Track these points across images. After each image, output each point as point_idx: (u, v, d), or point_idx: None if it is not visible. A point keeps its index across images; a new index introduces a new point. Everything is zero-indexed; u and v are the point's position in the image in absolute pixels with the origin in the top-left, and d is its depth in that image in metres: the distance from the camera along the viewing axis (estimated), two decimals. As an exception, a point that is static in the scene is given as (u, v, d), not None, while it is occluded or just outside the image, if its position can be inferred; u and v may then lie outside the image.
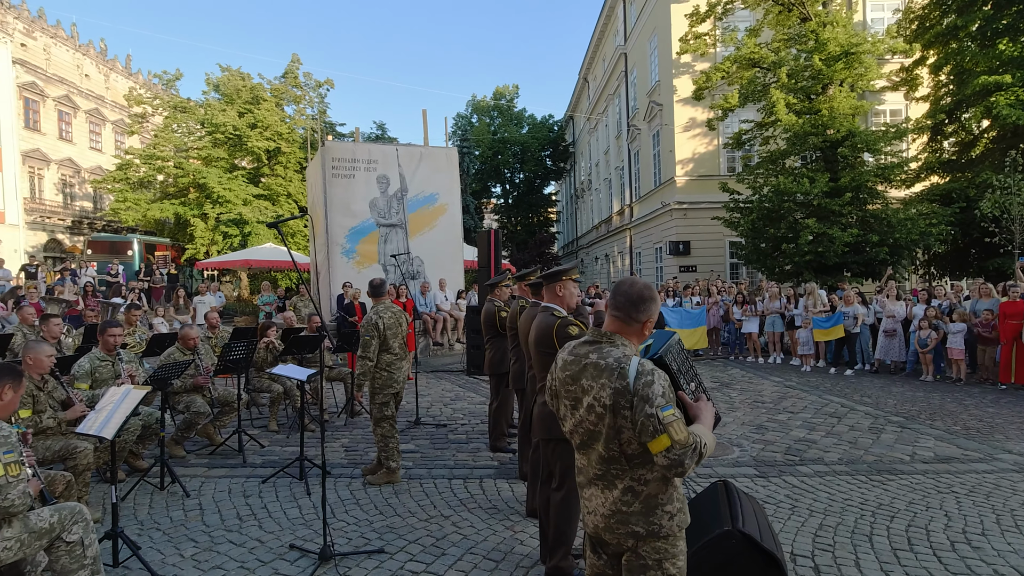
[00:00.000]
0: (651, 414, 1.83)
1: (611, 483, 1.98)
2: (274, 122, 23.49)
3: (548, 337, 3.12)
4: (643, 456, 1.91)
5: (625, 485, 1.96)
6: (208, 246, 22.43)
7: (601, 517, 2.00)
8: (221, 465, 5.49)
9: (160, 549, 3.78)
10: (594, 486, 2.03)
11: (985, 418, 7.14)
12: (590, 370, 1.98)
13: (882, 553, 3.65)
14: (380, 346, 4.84)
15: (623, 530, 1.96)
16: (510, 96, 39.42)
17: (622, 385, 1.88)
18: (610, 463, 1.96)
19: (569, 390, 2.05)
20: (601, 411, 1.92)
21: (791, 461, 5.50)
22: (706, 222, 18.79)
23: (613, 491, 1.98)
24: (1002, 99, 12.79)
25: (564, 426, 2.12)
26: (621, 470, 1.96)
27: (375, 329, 4.79)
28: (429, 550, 3.75)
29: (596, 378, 1.95)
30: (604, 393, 1.91)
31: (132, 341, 6.65)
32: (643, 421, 1.84)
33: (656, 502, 1.95)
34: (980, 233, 13.43)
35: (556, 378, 2.13)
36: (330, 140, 16.41)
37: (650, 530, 1.94)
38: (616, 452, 1.94)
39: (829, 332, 10.79)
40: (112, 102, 33.50)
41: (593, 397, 1.94)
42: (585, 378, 1.99)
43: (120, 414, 3.24)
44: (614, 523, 1.97)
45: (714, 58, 18.64)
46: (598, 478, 2.01)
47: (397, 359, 4.98)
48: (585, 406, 1.97)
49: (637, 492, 1.95)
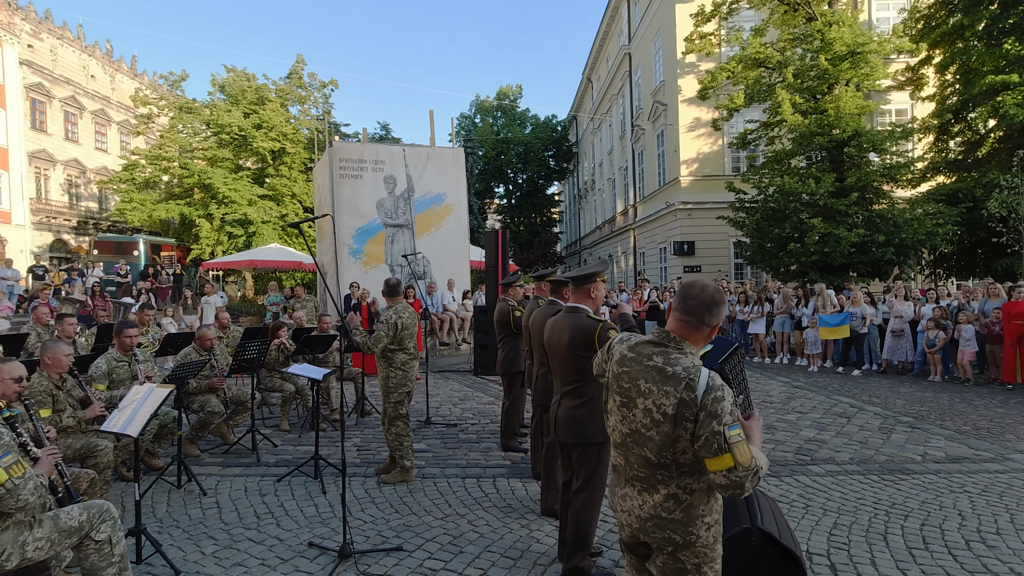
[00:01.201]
0: (718, 432, 1.78)
1: (653, 487, 1.95)
2: (279, 123, 23.54)
3: (588, 340, 3.09)
4: (693, 466, 1.88)
5: (669, 492, 1.92)
6: (213, 246, 22.50)
7: (636, 518, 1.98)
8: (236, 464, 5.53)
9: (181, 546, 3.81)
10: (631, 486, 2.01)
11: (995, 418, 7.15)
12: (653, 373, 1.92)
13: (897, 552, 3.67)
14: (396, 346, 4.87)
15: (659, 535, 1.94)
16: (513, 96, 39.46)
17: (689, 397, 1.83)
18: (657, 468, 1.93)
19: (623, 387, 2.01)
20: (659, 418, 1.88)
21: (802, 461, 5.52)
22: (711, 222, 18.80)
23: (654, 495, 1.94)
24: (1009, 98, 12.79)
25: (608, 419, 2.10)
26: (667, 476, 1.92)
27: (393, 328, 4.81)
28: (447, 548, 3.78)
29: (660, 384, 1.89)
30: (667, 401, 1.86)
31: (145, 341, 6.69)
32: (708, 437, 1.79)
33: (697, 513, 1.92)
34: (987, 233, 13.43)
35: (610, 370, 2.09)
36: (337, 140, 16.46)
37: (687, 540, 1.91)
38: (668, 460, 1.90)
39: (836, 331, 10.80)
40: (118, 103, 33.64)
41: (652, 402, 1.90)
42: (645, 380, 1.93)
43: (144, 412, 3.28)
44: (651, 527, 1.95)
45: (719, 58, 18.65)
46: (638, 479, 1.98)
47: (412, 359, 5.03)
48: (641, 409, 1.93)
49: (680, 500, 1.91)
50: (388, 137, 33.22)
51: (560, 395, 3.29)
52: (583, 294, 3.23)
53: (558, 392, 3.33)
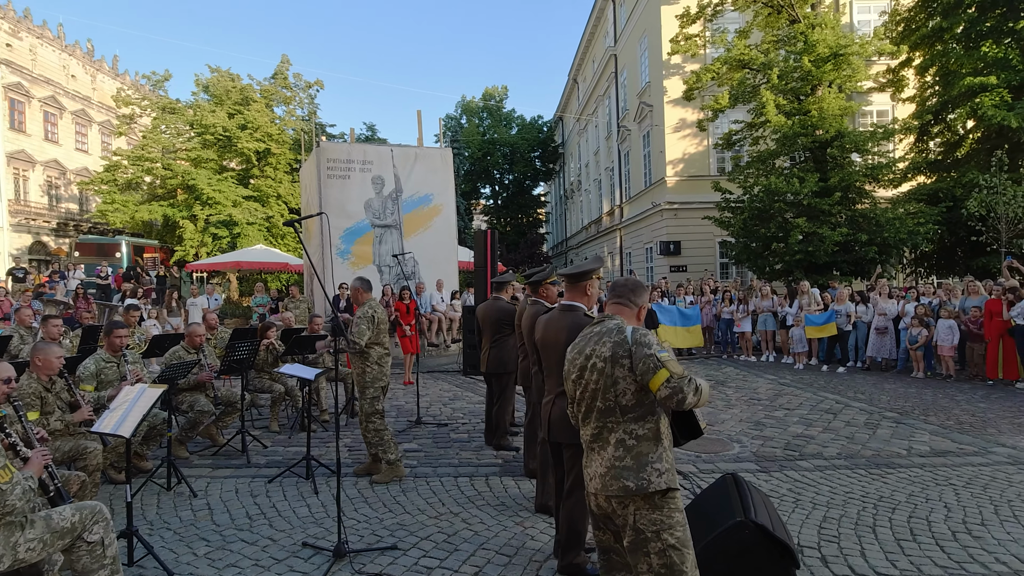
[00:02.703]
0: (650, 354, 2.16)
1: (605, 440, 2.24)
2: (264, 123, 23.35)
3: None
4: (635, 409, 2.20)
5: (617, 438, 2.21)
6: (197, 248, 22.24)
7: (599, 478, 2.23)
8: (226, 465, 5.48)
9: (173, 548, 3.77)
10: (592, 451, 2.30)
11: (977, 413, 7.30)
12: (592, 339, 2.33)
13: (886, 543, 3.74)
14: (373, 339, 4.89)
15: (616, 485, 2.17)
16: (499, 97, 39.47)
17: (620, 339, 2.23)
18: (606, 416, 2.24)
19: (576, 364, 2.36)
20: (602, 365, 2.23)
21: (791, 456, 5.59)
22: (696, 222, 18.96)
23: (607, 448, 2.22)
24: (987, 100, 13.05)
25: (573, 406, 2.42)
26: (615, 423, 2.22)
27: (371, 321, 4.86)
28: (441, 546, 3.77)
29: (597, 342, 2.29)
30: (604, 349, 2.24)
31: (132, 342, 6.59)
32: (643, 362, 2.15)
33: (646, 459, 2.18)
34: (967, 232, 13.68)
35: (566, 363, 2.44)
36: (325, 141, 16.36)
37: (639, 484, 2.14)
38: (612, 403, 2.22)
39: (822, 329, 10.94)
40: (99, 103, 33.14)
41: (596, 357, 2.26)
42: (588, 346, 2.32)
43: (137, 413, 3.24)
44: (609, 479, 2.19)
45: (704, 59, 18.82)
46: (594, 439, 2.28)
47: (386, 353, 5.05)
48: (589, 368, 2.28)
49: (628, 446, 2.19)
50: (374, 138, 33.08)
51: (554, 395, 3.22)
52: (578, 291, 3.18)
53: (551, 392, 3.27)
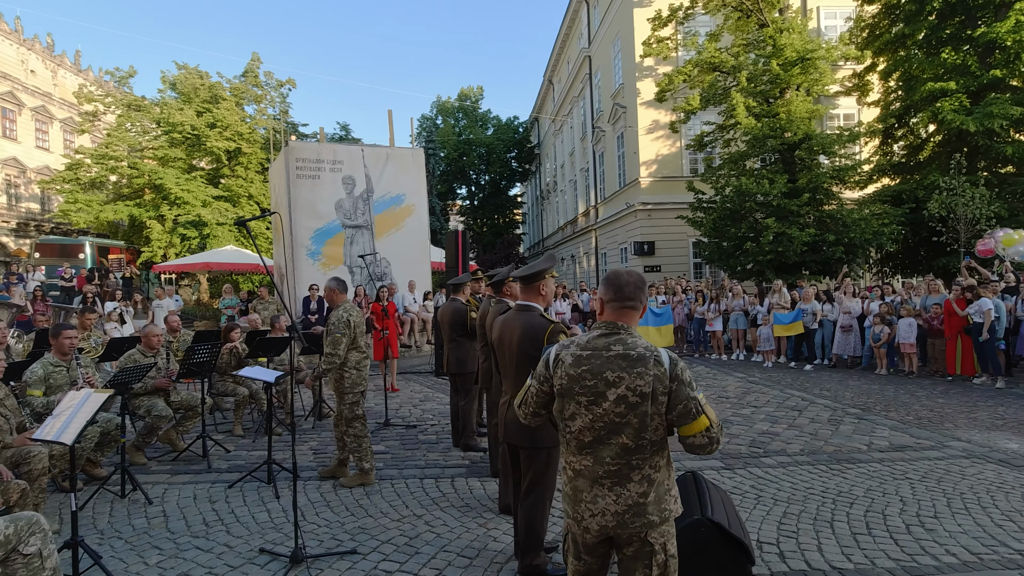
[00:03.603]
0: (693, 397, 1.92)
1: (626, 476, 1.97)
2: (234, 122, 22.90)
3: (538, 340, 3.01)
4: (660, 443, 1.99)
5: (642, 475, 1.97)
6: (165, 249, 21.72)
7: (612, 516, 1.97)
8: (185, 471, 5.34)
9: (123, 558, 3.65)
10: (600, 486, 2.00)
11: (935, 408, 7.48)
12: (617, 362, 1.97)
13: (842, 538, 3.79)
14: (350, 344, 4.80)
15: (638, 522, 1.96)
16: (475, 98, 39.39)
17: (660, 372, 1.93)
18: (632, 454, 1.97)
19: (587, 385, 1.99)
20: (636, 400, 1.93)
21: (755, 453, 5.65)
22: (670, 222, 19.15)
23: (628, 484, 1.97)
24: (946, 105, 13.42)
25: (572, 425, 2.04)
26: (641, 460, 1.97)
27: (346, 326, 4.76)
28: (402, 549, 3.72)
29: (628, 368, 1.95)
30: (642, 382, 1.92)
31: (87, 346, 6.40)
32: (685, 405, 1.92)
33: (664, 488, 2.00)
34: (928, 233, 14.04)
35: (565, 376, 2.04)
36: (294, 140, 16.12)
37: (662, 516, 1.98)
38: (645, 441, 1.95)
39: (789, 328, 11.12)
40: (60, 99, 32.20)
41: (626, 387, 1.93)
42: (611, 370, 1.96)
43: (80, 419, 3.13)
44: (629, 518, 1.96)
45: (676, 62, 19.03)
46: (609, 476, 1.98)
47: (365, 357, 4.97)
48: (613, 399, 1.95)
49: (652, 480, 1.98)
50: (348, 138, 32.74)
51: (510, 396, 3.16)
52: (533, 292, 3.15)
53: (507, 392, 3.22)
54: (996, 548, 3.62)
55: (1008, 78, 13.74)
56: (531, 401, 2.20)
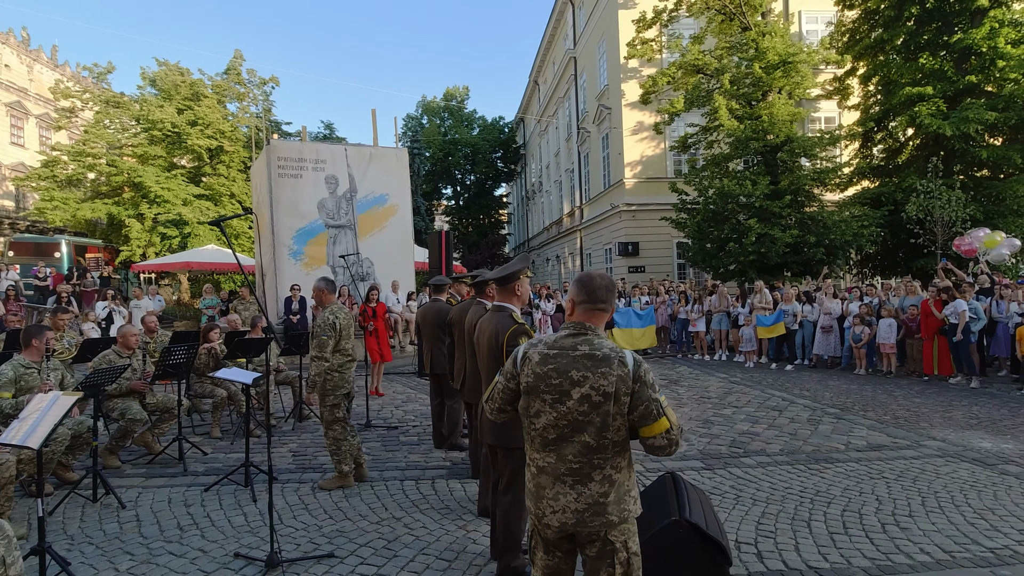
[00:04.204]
0: (654, 399, 1.97)
1: (587, 476, 2.00)
2: (216, 120, 22.58)
3: (503, 340, 3.08)
4: (622, 444, 2.02)
5: (604, 475, 2.00)
6: (145, 248, 21.36)
7: (573, 513, 2.00)
8: (160, 474, 5.24)
9: (93, 564, 3.57)
10: (562, 483, 2.03)
11: (912, 408, 7.60)
12: (583, 361, 2.00)
13: (820, 537, 3.83)
14: (334, 346, 4.74)
15: (597, 521, 1.99)
16: (461, 97, 39.32)
17: (623, 373, 1.96)
18: (594, 453, 1.99)
19: (552, 384, 2.02)
20: (599, 399, 1.96)
21: (735, 453, 5.69)
22: (654, 223, 19.25)
23: (590, 483, 2.00)
24: (924, 109, 13.65)
25: (536, 422, 2.07)
26: (603, 460, 2.00)
27: (332, 328, 4.70)
28: (381, 553, 3.68)
29: (593, 368, 1.98)
30: (605, 382, 1.95)
31: (60, 347, 6.25)
32: (646, 406, 1.95)
33: (624, 489, 2.03)
34: (907, 235, 14.26)
35: (531, 373, 2.07)
36: (276, 139, 15.94)
37: (621, 516, 2.02)
38: (607, 441, 1.98)
39: (772, 329, 11.23)
40: (36, 95, 31.53)
41: (590, 387, 1.97)
42: (576, 369, 2.00)
43: (48, 422, 3.05)
44: (589, 516, 1.99)
45: (660, 63, 19.13)
46: (571, 473, 2.02)
47: (348, 360, 4.91)
48: (576, 397, 1.98)
49: (613, 480, 2.01)
50: (332, 137, 32.48)
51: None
52: (508, 292, 3.20)
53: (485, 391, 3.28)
54: (968, 546, 3.67)
55: (983, 84, 14.01)
56: (497, 397, 2.22)
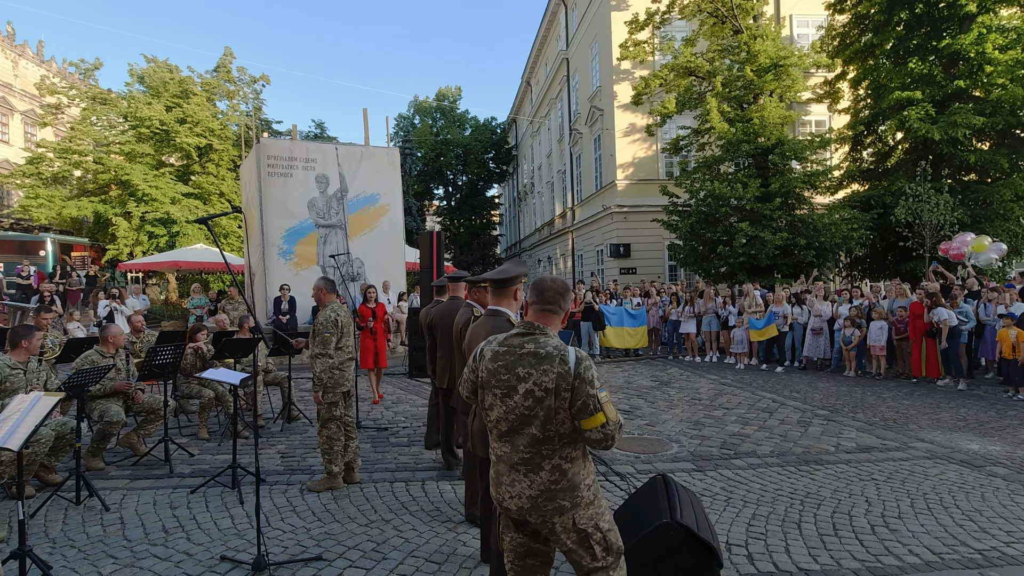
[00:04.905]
0: (592, 394, 2.06)
1: (538, 465, 2.14)
2: (205, 118, 22.39)
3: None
4: (571, 436, 2.14)
5: (553, 464, 2.13)
6: (132, 247, 21.14)
7: (527, 499, 2.14)
8: (145, 476, 5.17)
9: (75, 568, 3.50)
10: (516, 471, 2.17)
11: (901, 409, 7.64)
12: (528, 359, 2.14)
13: (810, 539, 3.83)
14: (336, 343, 4.74)
15: (550, 506, 2.12)
16: (453, 98, 39.24)
17: (564, 370, 2.08)
18: (542, 444, 2.12)
19: (501, 379, 2.17)
20: (541, 395, 2.09)
21: (726, 455, 5.69)
22: (646, 225, 19.29)
23: (540, 472, 2.13)
24: (913, 113, 13.75)
25: (490, 415, 2.22)
26: (551, 450, 2.13)
27: (334, 326, 4.69)
28: (369, 555, 3.65)
29: (536, 365, 2.11)
30: (546, 378, 2.08)
31: (44, 346, 6.16)
32: (584, 400, 2.05)
33: (579, 478, 2.16)
34: (896, 237, 14.36)
35: (484, 369, 2.22)
36: (265, 137, 15.82)
37: (575, 502, 2.14)
38: (552, 433, 2.11)
39: (763, 332, 11.26)
40: (21, 91, 31.12)
41: (534, 383, 2.10)
42: (522, 367, 2.13)
43: (28, 423, 2.98)
44: (542, 502, 2.13)
45: (653, 65, 19.18)
46: (523, 463, 2.16)
47: (349, 358, 4.90)
48: (522, 392, 2.11)
49: (564, 470, 2.14)
50: (323, 136, 32.31)
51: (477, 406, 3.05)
52: (506, 297, 2.96)
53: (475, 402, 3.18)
54: (957, 548, 3.69)
55: (971, 88, 14.14)
56: (466, 387, 2.37)
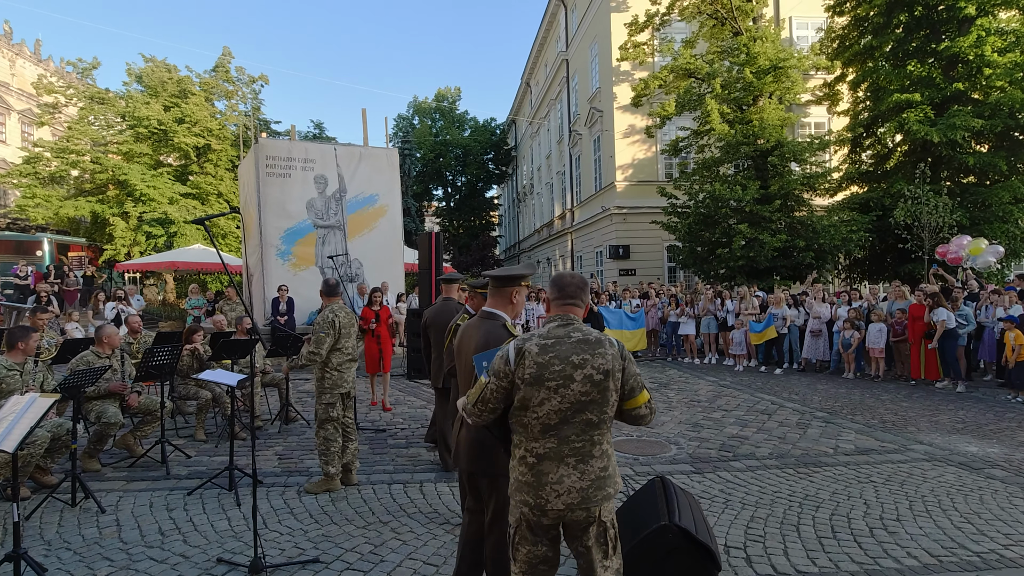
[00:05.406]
0: (637, 374, 2.26)
1: (588, 452, 2.18)
2: (203, 117, 22.39)
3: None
4: (611, 420, 2.25)
5: (602, 450, 2.21)
6: (129, 247, 21.10)
7: (577, 492, 2.15)
8: (142, 478, 5.15)
9: (70, 570, 3.48)
10: (566, 465, 2.17)
11: (899, 412, 7.64)
12: (580, 345, 2.19)
13: (808, 541, 3.82)
14: (333, 345, 4.75)
15: (599, 495, 2.17)
16: (452, 98, 39.25)
17: (614, 352, 2.21)
18: (594, 429, 2.19)
19: (555, 370, 2.16)
20: (600, 377, 2.16)
21: (725, 457, 5.68)
22: (645, 226, 19.29)
23: (591, 460, 2.18)
24: (912, 116, 13.77)
25: (539, 411, 2.17)
26: (600, 435, 2.21)
27: (331, 327, 4.70)
28: (367, 558, 3.63)
29: (590, 350, 2.18)
30: (603, 360, 2.17)
31: (40, 347, 6.13)
32: (633, 379, 2.23)
33: (614, 464, 2.26)
34: (895, 239, 14.37)
35: (532, 365, 2.16)
36: (264, 137, 15.80)
37: (614, 488, 2.23)
38: (605, 415, 2.20)
39: (763, 335, 11.24)
40: (18, 90, 31.07)
41: (591, 367, 2.16)
42: (576, 354, 2.17)
43: (24, 424, 2.96)
44: (593, 491, 2.16)
45: (652, 67, 19.19)
46: (573, 453, 2.17)
47: (348, 359, 4.91)
48: (579, 379, 2.15)
49: (609, 456, 2.23)
50: (322, 136, 32.29)
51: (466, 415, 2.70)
52: (503, 298, 2.77)
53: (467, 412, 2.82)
54: (955, 550, 3.68)
55: (970, 91, 14.16)
56: (491, 398, 2.25)
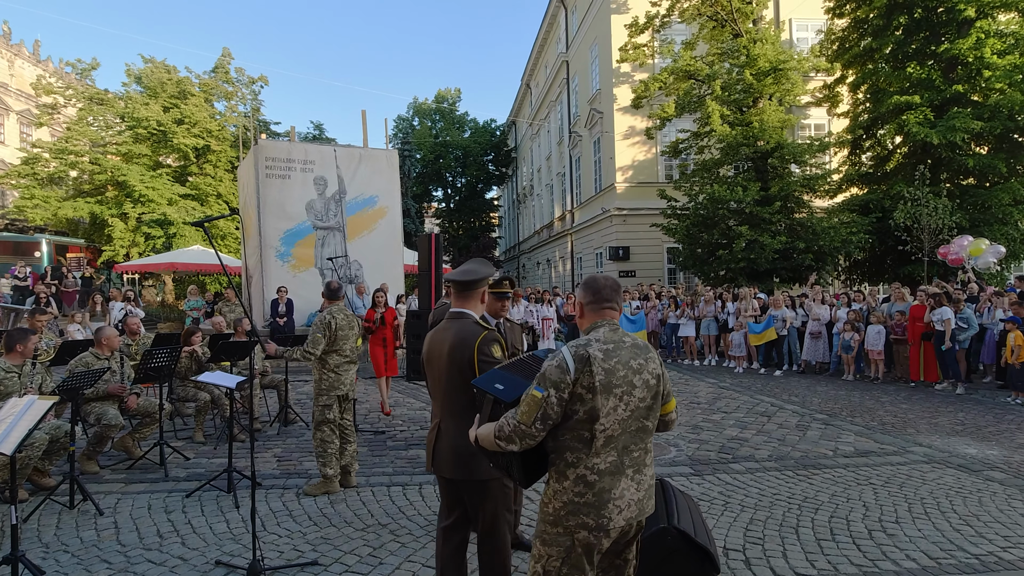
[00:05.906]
0: (669, 379, 2.19)
1: (642, 462, 2.07)
2: (203, 118, 22.39)
3: (470, 348, 2.56)
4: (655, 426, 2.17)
5: (651, 457, 2.12)
6: (128, 248, 21.10)
7: (635, 504, 2.04)
8: (140, 480, 5.14)
9: (68, 572, 3.48)
10: (626, 477, 2.01)
11: (899, 414, 7.63)
12: (634, 350, 2.10)
13: (807, 544, 3.81)
14: (330, 347, 4.77)
15: (650, 504, 2.10)
16: (452, 100, 39.25)
17: (657, 357, 2.16)
18: (648, 436, 2.09)
19: (620, 377, 2.00)
20: (654, 382, 2.09)
21: (724, 459, 5.68)
22: (645, 228, 19.29)
23: (644, 469, 2.08)
24: (912, 117, 13.78)
25: (605, 422, 1.96)
26: (650, 442, 2.12)
27: (327, 328, 4.72)
28: (366, 560, 3.62)
29: (642, 355, 2.10)
30: (654, 365, 2.12)
31: (39, 349, 6.13)
32: (669, 385, 2.18)
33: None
34: (894, 241, 14.38)
35: (601, 371, 1.96)
36: (263, 139, 15.81)
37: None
38: (655, 421, 2.13)
39: (762, 336, 11.24)
40: (17, 90, 31.10)
41: (648, 372, 2.08)
42: (634, 359, 2.08)
43: (22, 426, 2.96)
44: (647, 501, 2.08)
45: (652, 68, 19.20)
46: (633, 463, 2.04)
47: (346, 361, 4.91)
48: (639, 385, 2.05)
49: (653, 461, 2.14)
50: (321, 137, 32.31)
51: (440, 420, 2.66)
52: (471, 299, 2.72)
53: (438, 416, 2.69)
54: (954, 552, 3.67)
55: (969, 93, 14.17)
56: (552, 413, 1.96)
